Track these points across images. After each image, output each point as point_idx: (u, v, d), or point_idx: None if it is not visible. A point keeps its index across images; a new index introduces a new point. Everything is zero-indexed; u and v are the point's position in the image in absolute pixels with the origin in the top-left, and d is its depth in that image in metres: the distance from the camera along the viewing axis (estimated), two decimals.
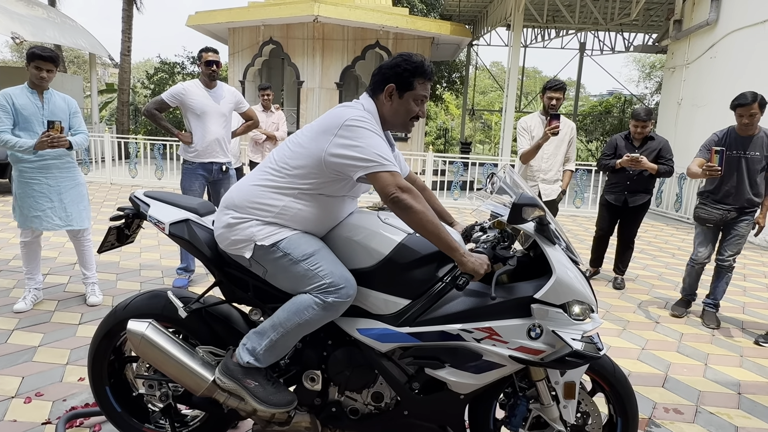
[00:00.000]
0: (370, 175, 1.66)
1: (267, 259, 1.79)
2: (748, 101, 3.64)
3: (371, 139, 1.69)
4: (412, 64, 1.81)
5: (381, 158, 1.66)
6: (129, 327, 1.83)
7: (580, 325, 1.75)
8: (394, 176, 1.66)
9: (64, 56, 27.40)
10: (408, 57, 1.83)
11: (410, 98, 1.84)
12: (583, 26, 15.77)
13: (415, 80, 1.82)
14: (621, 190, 4.64)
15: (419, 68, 1.82)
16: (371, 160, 1.66)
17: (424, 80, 1.84)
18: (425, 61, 1.85)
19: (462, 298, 1.76)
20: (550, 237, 1.75)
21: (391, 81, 1.82)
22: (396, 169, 1.68)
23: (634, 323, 4.02)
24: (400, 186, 1.65)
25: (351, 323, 1.82)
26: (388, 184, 1.65)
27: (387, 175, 1.66)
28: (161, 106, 4.18)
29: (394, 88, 1.82)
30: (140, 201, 2.01)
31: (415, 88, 1.83)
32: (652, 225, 8.51)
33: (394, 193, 1.64)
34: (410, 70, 1.81)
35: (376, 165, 1.66)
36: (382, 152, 1.68)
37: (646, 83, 28.61)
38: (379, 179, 1.66)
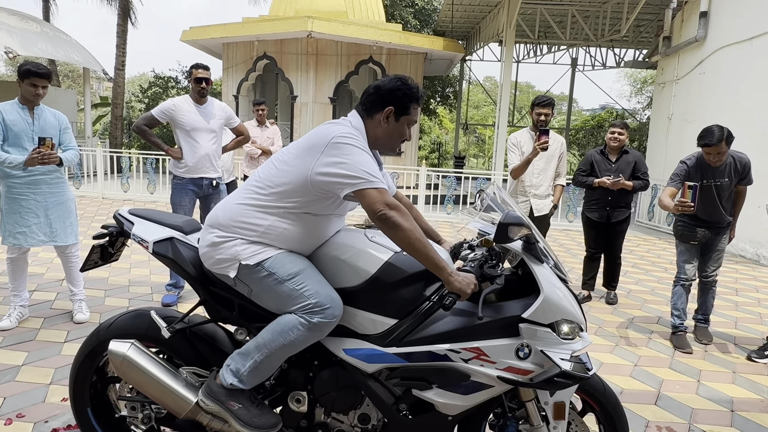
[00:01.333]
0: (357, 192, 1.65)
1: (252, 278, 1.77)
2: (714, 142, 3.50)
3: (359, 155, 1.68)
4: (410, 90, 1.85)
5: (369, 175, 1.65)
6: (110, 348, 1.80)
7: (569, 345, 1.73)
8: (381, 193, 1.65)
9: (58, 70, 27.49)
10: (406, 81, 1.86)
11: (405, 122, 1.88)
12: (575, 42, 15.97)
13: (411, 105, 1.86)
14: (603, 206, 4.66)
15: (416, 94, 1.86)
16: (358, 177, 1.65)
17: (417, 105, 1.88)
18: (420, 89, 1.90)
19: (449, 318, 1.74)
20: (537, 255, 1.74)
21: (391, 104, 1.83)
22: (384, 186, 1.67)
23: (626, 339, 4.00)
24: (387, 203, 1.63)
25: (337, 343, 1.79)
26: (375, 201, 1.63)
27: (374, 192, 1.64)
28: (151, 122, 4.16)
29: (392, 111, 1.83)
30: (124, 219, 1.98)
31: (410, 113, 1.86)
32: (645, 239, 8.54)
33: (381, 210, 1.62)
34: (409, 96, 1.84)
35: (364, 182, 1.65)
36: (370, 169, 1.67)
37: (638, 98, 28.95)
38: (367, 196, 1.64)
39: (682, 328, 3.96)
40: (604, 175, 4.60)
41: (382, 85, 1.85)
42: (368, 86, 1.89)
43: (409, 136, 1.91)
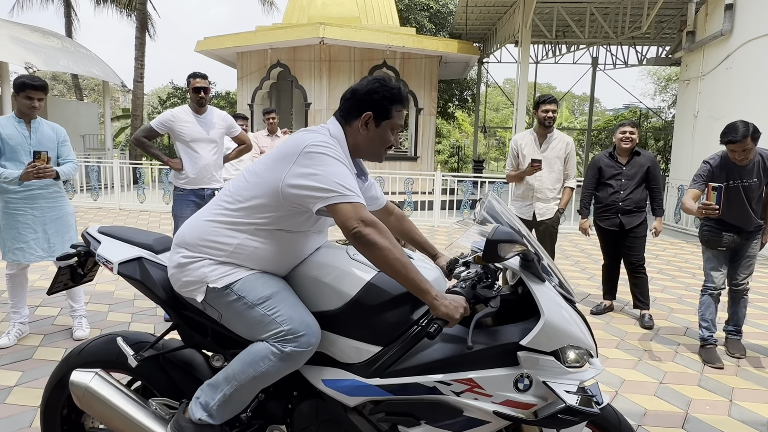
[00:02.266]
0: (329, 206, 1.48)
1: (220, 302, 1.61)
2: (738, 138, 3.23)
3: (333, 166, 1.52)
4: (390, 91, 1.66)
5: (342, 188, 1.49)
6: (71, 379, 1.66)
7: (576, 374, 1.53)
8: (356, 208, 1.47)
9: (84, 85, 28.14)
10: (385, 82, 1.68)
11: (387, 127, 1.69)
12: (594, 40, 15.56)
13: (393, 108, 1.68)
14: (614, 213, 4.32)
15: (397, 95, 1.68)
16: (330, 190, 1.48)
17: (401, 108, 1.70)
18: (402, 88, 1.72)
19: (439, 345, 1.55)
20: (538, 273, 1.54)
21: (368, 108, 1.66)
22: (359, 200, 1.50)
23: (650, 353, 3.73)
24: (362, 219, 1.46)
25: (316, 373, 1.62)
26: (349, 217, 1.46)
27: (348, 206, 1.47)
28: (150, 133, 4.11)
29: (371, 116, 1.66)
30: (92, 238, 1.85)
31: (392, 116, 1.69)
32: (671, 243, 8.17)
33: (355, 227, 1.45)
34: (389, 98, 1.66)
35: (336, 195, 1.48)
36: (344, 181, 1.50)
37: (662, 96, 28.17)
38: (339, 211, 1.48)
39: (712, 341, 3.67)
40: (613, 179, 4.31)
41: (358, 88, 1.68)
42: (346, 90, 1.73)
43: (395, 142, 1.73)
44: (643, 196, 4.30)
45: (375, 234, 1.45)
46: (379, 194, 1.99)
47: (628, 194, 4.26)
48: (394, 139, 1.73)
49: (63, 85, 30.90)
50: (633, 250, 4.34)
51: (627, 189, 4.26)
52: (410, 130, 12.57)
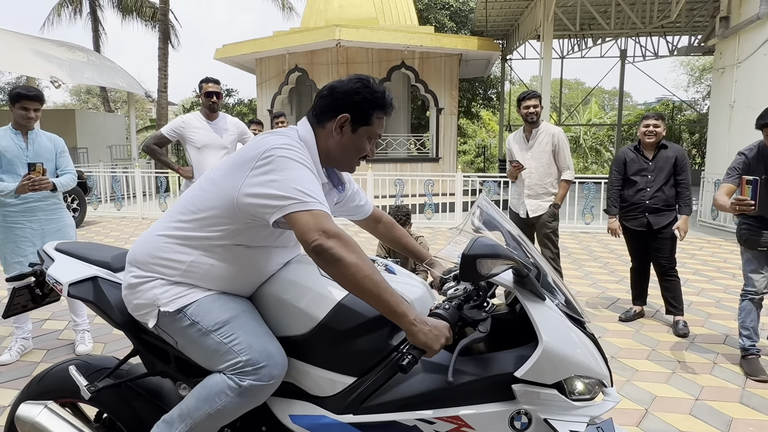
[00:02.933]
0: (286, 216, 1.28)
1: (173, 328, 1.43)
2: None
3: (294, 171, 1.31)
4: (373, 94, 1.45)
5: (301, 194, 1.28)
6: (18, 413, 1.51)
7: (584, 409, 1.29)
8: (316, 217, 1.26)
9: (116, 97, 28.86)
10: (368, 83, 1.47)
11: (365, 135, 1.49)
12: (622, 32, 15.01)
13: (374, 114, 1.47)
14: (640, 213, 4.00)
15: (380, 100, 1.46)
16: (288, 197, 1.27)
17: (382, 115, 1.49)
18: (388, 94, 1.49)
19: (421, 376, 1.34)
20: (536, 290, 1.30)
21: (346, 110, 1.45)
22: (322, 209, 1.28)
23: (685, 365, 3.40)
24: (324, 230, 1.24)
25: (283, 407, 1.43)
26: (308, 228, 1.24)
27: (306, 215, 1.26)
28: (160, 140, 4.09)
29: (348, 119, 1.45)
30: (47, 256, 1.70)
31: (372, 123, 1.47)
32: (708, 241, 7.69)
33: (315, 239, 1.23)
34: (371, 101, 1.45)
35: (294, 203, 1.27)
36: (305, 187, 1.29)
37: (697, 87, 27.11)
38: (297, 221, 1.26)
39: (754, 351, 3.32)
40: (638, 175, 3.99)
41: (337, 85, 1.47)
42: (322, 87, 1.52)
43: (370, 153, 1.52)
44: (672, 194, 3.96)
45: (339, 248, 1.23)
46: (363, 201, 1.78)
47: (655, 191, 3.93)
48: (370, 149, 1.52)
49: (96, 98, 31.77)
50: (662, 252, 4.00)
51: (654, 186, 3.94)
52: (431, 130, 12.32)
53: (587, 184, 8.54)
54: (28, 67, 11.05)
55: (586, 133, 25.55)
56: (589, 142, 25.57)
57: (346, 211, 1.77)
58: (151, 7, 19.14)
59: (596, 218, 8.61)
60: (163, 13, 15.71)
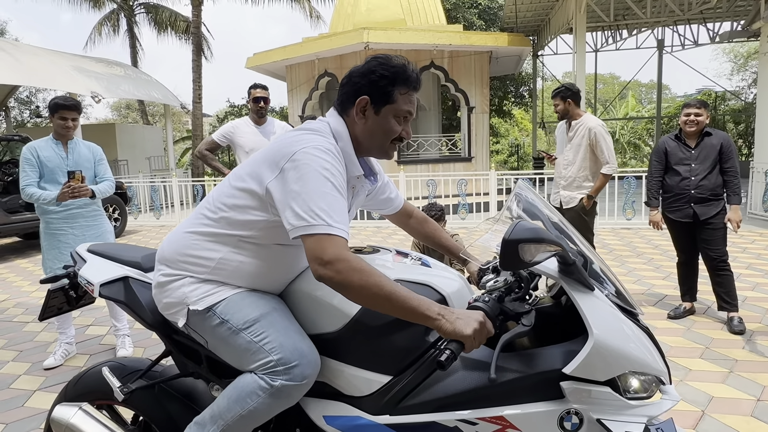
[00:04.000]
0: (298, 237, 1.24)
1: (203, 327, 1.39)
2: None
3: (314, 182, 1.26)
4: (390, 69, 1.38)
5: (313, 215, 1.22)
6: (53, 415, 1.51)
7: (641, 408, 1.19)
8: (319, 242, 1.20)
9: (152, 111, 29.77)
10: (385, 60, 1.40)
11: (389, 114, 1.40)
12: (659, 20, 14.49)
13: (396, 90, 1.38)
14: (686, 203, 3.79)
15: (400, 74, 1.38)
16: (302, 218, 1.23)
17: (407, 90, 1.40)
18: (408, 65, 1.40)
19: (461, 374, 1.26)
20: (583, 279, 1.20)
21: (364, 92, 1.39)
22: (328, 231, 1.22)
23: (744, 363, 3.19)
24: (320, 258, 1.19)
25: (317, 407, 1.37)
26: (309, 257, 1.22)
27: (311, 241, 1.21)
28: (212, 145, 4.23)
29: (368, 101, 1.39)
30: (79, 257, 1.70)
31: (395, 100, 1.39)
32: (760, 233, 7.28)
33: (315, 270, 1.20)
34: (388, 77, 1.37)
35: (304, 226, 1.22)
36: (319, 205, 1.23)
37: (741, 75, 25.94)
38: (305, 245, 1.23)
39: None
40: (681, 165, 3.80)
41: (354, 70, 1.42)
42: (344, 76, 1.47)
43: (405, 134, 1.43)
44: (719, 182, 3.75)
45: (338, 275, 1.18)
46: (394, 194, 1.72)
47: (700, 180, 3.72)
48: (403, 130, 1.43)
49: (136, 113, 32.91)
50: (711, 244, 3.78)
51: (699, 174, 3.73)
52: (463, 130, 12.17)
53: (627, 179, 8.24)
54: (70, 83, 11.48)
55: (623, 128, 24.80)
56: (627, 137, 24.82)
57: (376, 204, 1.71)
58: (185, 21, 19.67)
59: (638, 213, 8.29)
60: (196, 26, 16.09)
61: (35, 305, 5.05)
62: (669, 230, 4.06)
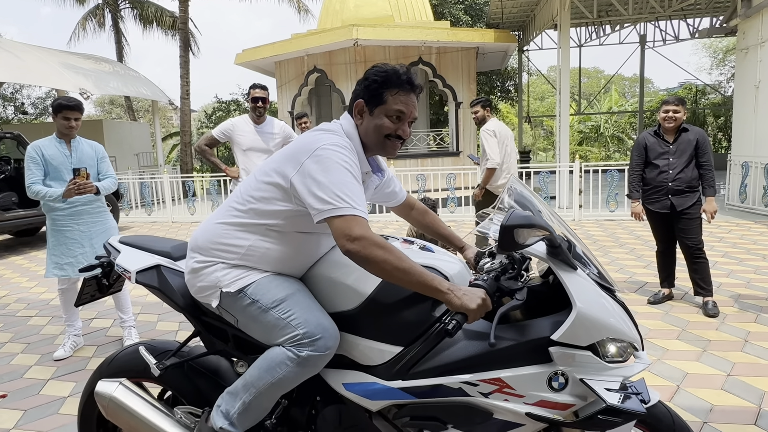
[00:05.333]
0: (325, 220, 1.42)
1: (235, 307, 1.57)
2: None
3: (336, 173, 1.44)
4: (380, 74, 1.56)
5: (338, 199, 1.40)
6: (96, 389, 1.67)
7: (617, 370, 1.39)
8: (346, 222, 1.39)
9: (138, 106, 29.53)
10: (379, 67, 1.59)
11: (381, 113, 1.58)
12: (640, 16, 14.80)
13: (386, 92, 1.56)
14: (664, 195, 4.03)
15: (390, 78, 1.56)
16: (327, 203, 1.41)
17: (397, 91, 1.57)
18: (400, 70, 1.58)
19: (464, 343, 1.45)
20: (567, 260, 1.40)
21: (360, 96, 1.59)
22: (354, 212, 1.40)
23: (716, 343, 3.44)
24: (349, 235, 1.37)
25: (337, 376, 1.55)
26: (337, 234, 1.40)
27: (339, 221, 1.39)
28: (211, 141, 4.30)
29: (363, 104, 1.58)
30: (112, 248, 1.86)
31: (386, 101, 1.56)
32: (737, 224, 7.60)
33: (344, 245, 1.38)
34: (379, 81, 1.56)
35: (331, 209, 1.40)
36: (343, 191, 1.42)
37: (720, 70, 26.51)
38: (332, 226, 1.41)
39: None
40: (660, 159, 4.04)
41: (359, 80, 1.61)
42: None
43: (401, 132, 1.59)
44: (695, 175, 4.00)
45: (366, 249, 1.36)
46: (398, 188, 1.91)
47: (678, 173, 3.97)
48: (398, 128, 1.59)
49: (120, 108, 32.56)
50: (688, 233, 4.03)
51: (676, 168, 3.98)
52: (450, 124, 12.37)
53: (611, 172, 8.51)
54: (58, 80, 11.44)
55: (607, 122, 25.22)
56: (611, 131, 25.24)
57: (382, 197, 1.89)
58: (171, 16, 19.57)
59: (620, 205, 8.57)
60: (183, 21, 16.05)
61: (36, 300, 5.15)
62: (649, 221, 4.30)
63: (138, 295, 5.00)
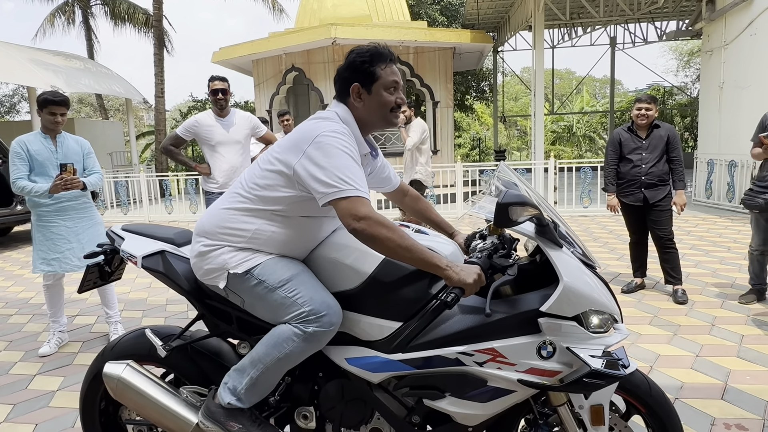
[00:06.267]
0: (330, 202, 1.50)
1: (242, 288, 1.64)
2: None
3: (338, 158, 1.52)
4: (365, 54, 1.66)
5: (342, 182, 1.49)
6: (105, 371, 1.72)
7: (600, 339, 1.51)
8: (352, 203, 1.48)
9: (108, 105, 28.92)
10: (359, 49, 1.69)
11: (380, 89, 1.67)
12: (611, 19, 15.25)
13: (377, 68, 1.65)
14: (637, 188, 4.25)
15: (375, 54, 1.66)
16: (332, 185, 1.49)
17: (385, 64, 1.67)
18: (379, 46, 1.69)
19: (459, 317, 1.55)
20: (554, 239, 1.52)
21: (353, 80, 1.67)
22: (358, 194, 1.49)
23: (686, 327, 3.64)
24: (355, 215, 1.46)
25: (339, 352, 1.64)
26: (343, 214, 1.48)
27: (344, 203, 1.48)
28: (176, 141, 4.19)
29: (359, 86, 1.66)
30: (116, 235, 1.91)
31: (380, 76, 1.66)
32: (703, 218, 7.94)
33: (350, 224, 1.47)
34: (367, 60, 1.65)
35: (335, 191, 1.49)
36: (346, 174, 1.50)
37: (686, 71, 27.40)
38: (338, 208, 1.50)
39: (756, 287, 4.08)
40: (633, 153, 4.25)
41: (340, 67, 1.70)
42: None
43: (399, 100, 1.69)
44: (666, 169, 4.23)
45: (371, 227, 1.45)
46: (392, 174, 2.00)
47: (650, 167, 4.17)
48: (396, 98, 1.69)
49: (89, 107, 31.81)
50: (659, 224, 4.24)
51: (649, 162, 4.19)
52: (428, 124, 12.52)
53: (584, 169, 8.77)
54: (27, 77, 11.16)
55: (579, 122, 25.82)
56: (583, 131, 25.85)
57: (377, 182, 1.98)
58: (144, 13, 19.27)
59: (594, 202, 8.85)
60: (157, 19, 15.84)
61: (14, 299, 5.08)
62: (622, 213, 4.50)
63: (122, 292, 4.98)
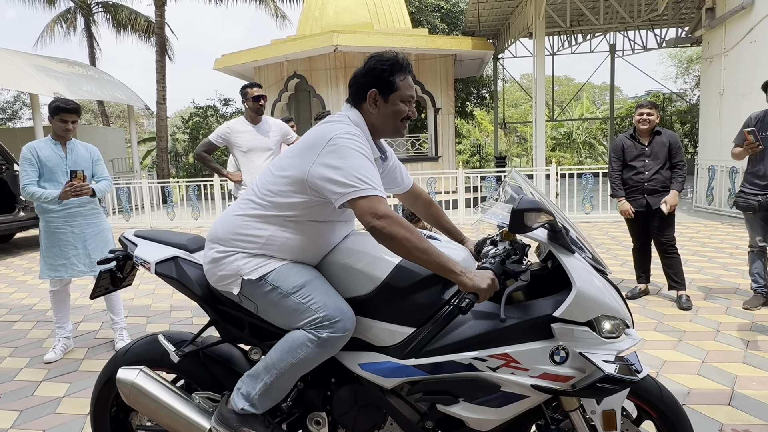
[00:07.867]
0: (349, 202, 1.52)
1: (256, 294, 1.65)
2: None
3: (354, 159, 1.54)
4: (387, 63, 1.68)
5: (360, 182, 1.51)
6: (118, 376, 1.72)
7: (612, 344, 1.52)
8: (371, 202, 1.50)
9: (110, 112, 28.99)
10: (380, 56, 1.70)
11: (396, 99, 1.70)
12: (611, 26, 15.32)
13: (396, 78, 1.68)
14: (640, 194, 4.26)
15: (395, 64, 1.68)
16: (350, 185, 1.51)
17: (405, 75, 1.70)
18: (399, 55, 1.71)
19: (472, 323, 1.56)
20: (566, 245, 1.53)
21: (372, 86, 1.68)
22: (376, 193, 1.52)
23: (691, 333, 3.64)
24: (375, 213, 1.48)
25: (352, 358, 1.65)
26: (363, 212, 1.50)
27: (363, 201, 1.50)
28: (209, 147, 4.25)
29: (376, 93, 1.68)
30: (129, 241, 1.92)
31: (398, 87, 1.69)
32: (705, 224, 7.96)
33: (369, 222, 1.49)
34: (388, 69, 1.67)
35: (354, 191, 1.51)
36: (364, 174, 1.52)
37: (685, 78, 27.51)
38: (357, 207, 1.51)
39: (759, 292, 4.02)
40: (636, 160, 4.27)
41: (358, 71, 1.72)
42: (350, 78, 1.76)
43: (411, 113, 1.72)
44: (669, 175, 4.25)
45: (390, 226, 1.47)
46: (404, 176, 2.01)
47: (653, 174, 4.20)
48: (409, 109, 1.72)
49: (90, 114, 31.88)
50: (662, 230, 4.26)
51: (651, 169, 4.21)
52: (429, 130, 12.58)
53: (585, 176, 8.79)
54: (29, 84, 11.20)
55: (578, 128, 25.89)
56: (582, 137, 25.92)
57: (390, 183, 1.99)
58: (146, 20, 19.35)
59: (596, 208, 8.86)
60: (159, 26, 15.93)
61: (18, 305, 5.08)
62: (625, 219, 4.51)
63: (126, 299, 4.98)
